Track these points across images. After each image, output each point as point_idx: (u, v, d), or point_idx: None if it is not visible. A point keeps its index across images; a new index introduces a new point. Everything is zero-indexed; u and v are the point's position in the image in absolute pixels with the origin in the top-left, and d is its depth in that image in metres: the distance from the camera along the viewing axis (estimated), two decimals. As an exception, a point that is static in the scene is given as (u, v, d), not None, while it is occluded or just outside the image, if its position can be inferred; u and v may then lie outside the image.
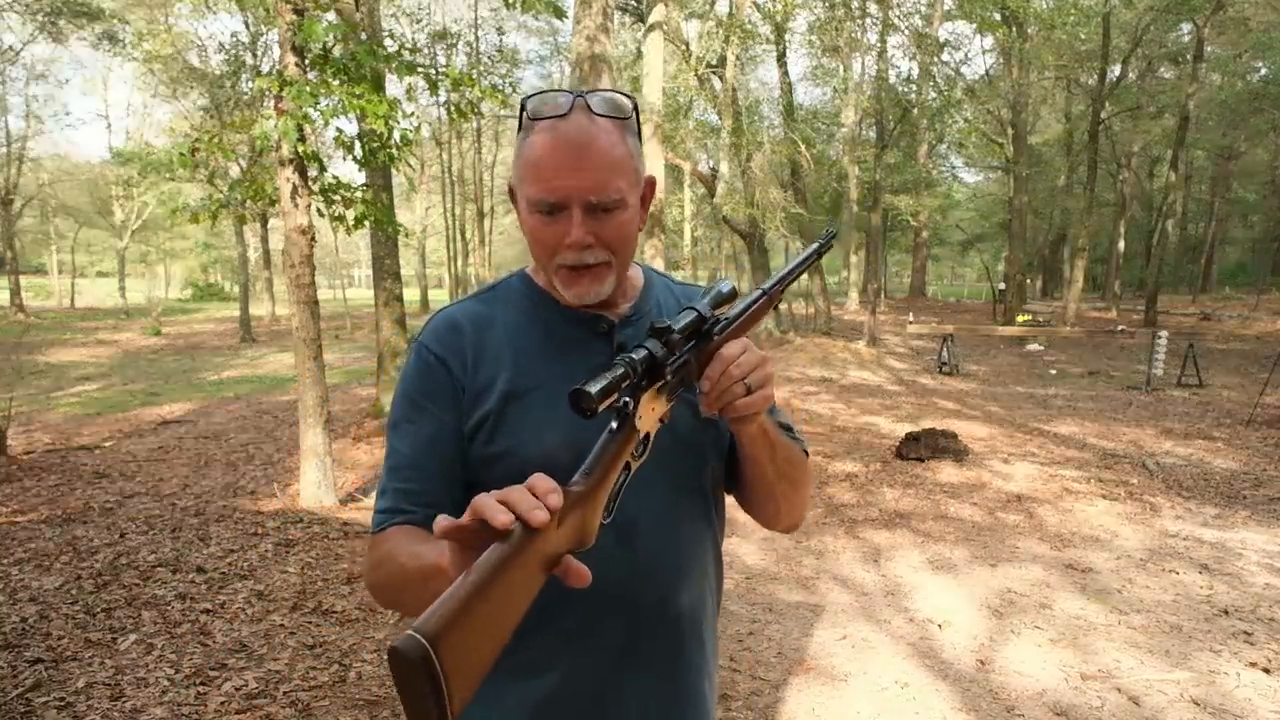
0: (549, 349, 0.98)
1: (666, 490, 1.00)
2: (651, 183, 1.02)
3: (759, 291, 1.01)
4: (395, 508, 0.95)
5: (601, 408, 0.72)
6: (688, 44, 15.59)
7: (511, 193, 0.98)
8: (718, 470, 1.07)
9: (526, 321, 1.02)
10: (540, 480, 0.67)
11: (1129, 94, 22.55)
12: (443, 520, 0.65)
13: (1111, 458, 6.94)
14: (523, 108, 0.95)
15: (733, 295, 0.94)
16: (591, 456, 0.76)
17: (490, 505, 0.64)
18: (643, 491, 0.96)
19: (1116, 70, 21.02)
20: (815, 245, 1.13)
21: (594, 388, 0.72)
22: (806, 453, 1.13)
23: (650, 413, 0.82)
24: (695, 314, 0.89)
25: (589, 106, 0.91)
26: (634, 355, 0.78)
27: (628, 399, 0.79)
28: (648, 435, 0.83)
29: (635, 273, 1.09)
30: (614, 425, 0.78)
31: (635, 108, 0.98)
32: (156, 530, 4.86)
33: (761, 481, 1.04)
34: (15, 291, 24.37)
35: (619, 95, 0.94)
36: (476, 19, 24.19)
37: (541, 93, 0.93)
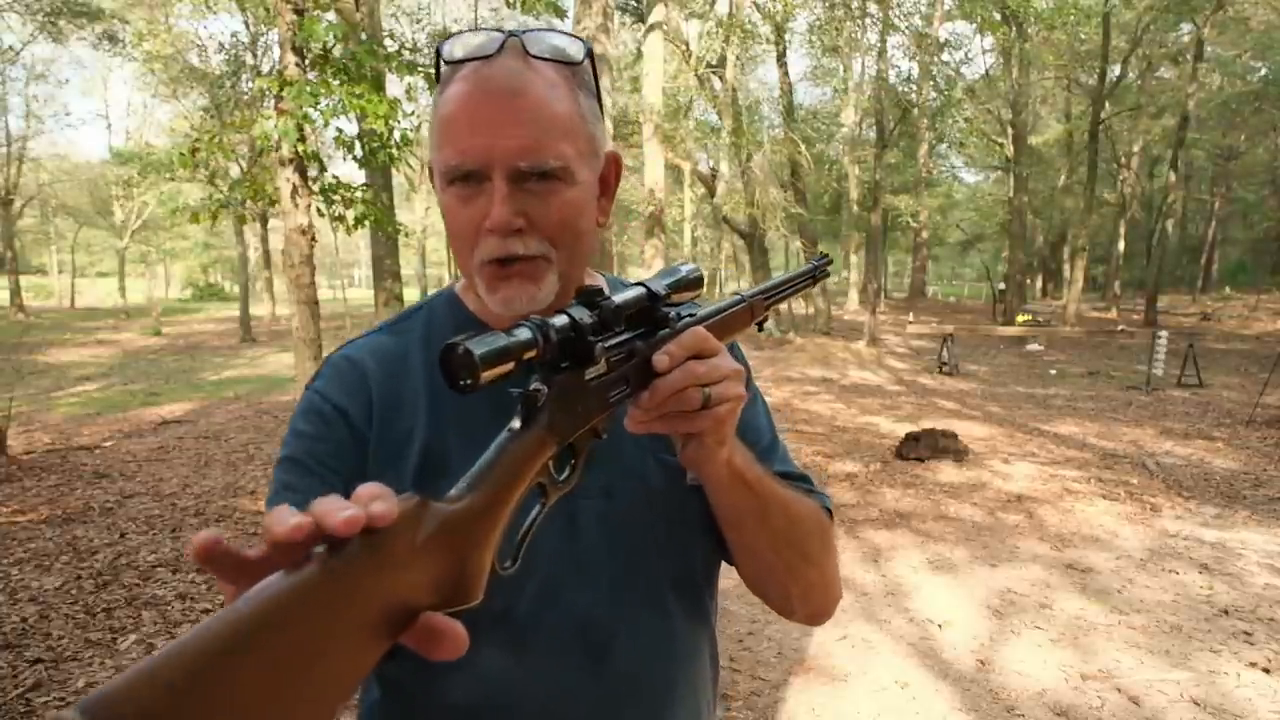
0: (478, 398, 0.67)
1: (645, 589, 0.78)
2: (615, 161, 0.79)
3: (737, 297, 0.76)
4: None
5: (486, 378, 0.49)
6: (688, 44, 15.59)
7: (431, 175, 0.75)
8: (712, 552, 0.84)
9: None
10: (370, 485, 0.41)
11: (1129, 94, 22.58)
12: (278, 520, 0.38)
13: (1111, 458, 6.94)
14: (439, 54, 0.71)
15: (698, 282, 0.70)
16: (481, 462, 0.50)
17: (332, 505, 0.38)
18: (611, 594, 0.76)
19: (1116, 70, 21.03)
20: (809, 268, 0.90)
21: (478, 347, 0.49)
22: (830, 511, 0.83)
23: (574, 414, 0.56)
24: (642, 289, 0.65)
25: (524, 47, 0.69)
26: (551, 320, 0.55)
27: (538, 385, 0.54)
28: (572, 449, 0.58)
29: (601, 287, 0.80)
30: (517, 421, 0.53)
31: (591, 55, 0.74)
32: (156, 530, 4.86)
33: (748, 551, 0.78)
34: (15, 291, 24.38)
35: (567, 35, 0.73)
36: (476, 19, 24.20)
37: (463, 32, 0.72)
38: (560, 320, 0.56)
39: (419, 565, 0.43)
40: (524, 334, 0.52)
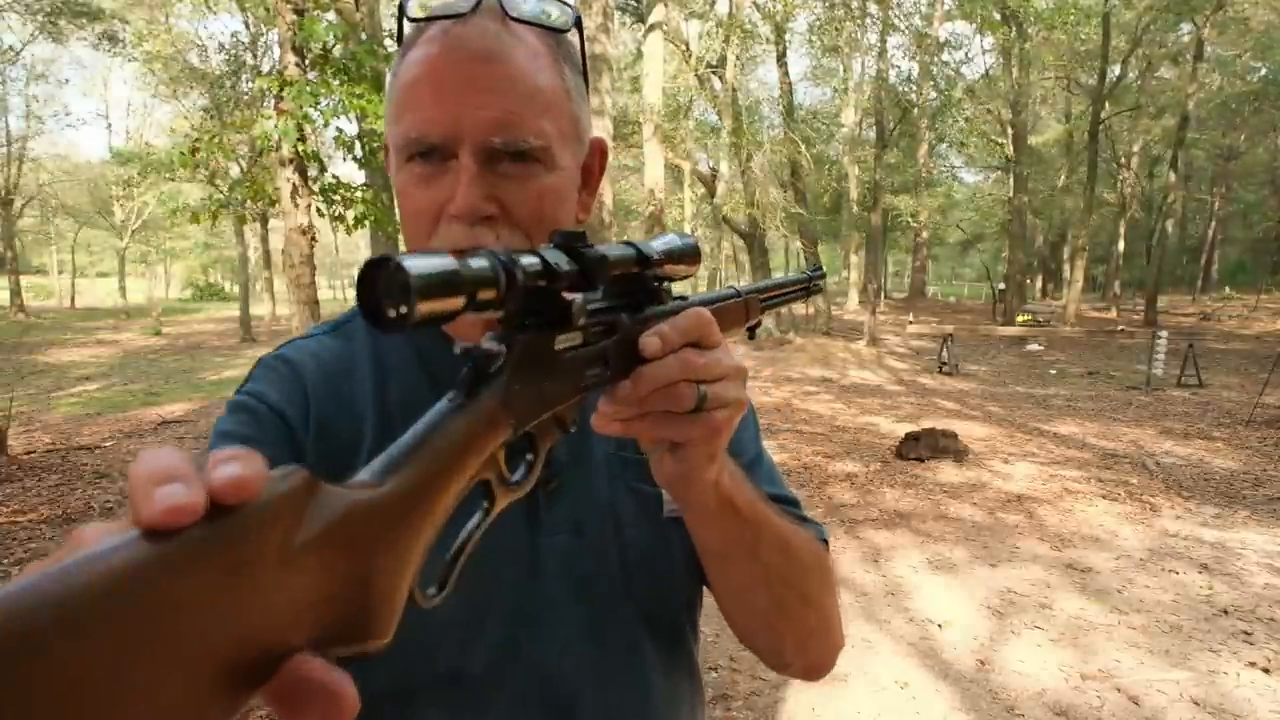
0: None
1: (618, 638, 0.67)
2: (600, 149, 0.70)
3: (732, 289, 0.64)
4: None
5: (423, 311, 0.34)
6: (688, 44, 15.61)
7: (386, 153, 0.65)
8: (696, 589, 0.73)
9: (402, 364, 0.67)
10: (230, 448, 0.26)
11: (1129, 94, 22.61)
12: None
13: (1111, 458, 6.94)
14: (401, 12, 0.62)
15: (694, 254, 0.57)
16: (405, 438, 0.35)
17: (160, 469, 0.24)
18: (580, 645, 0.65)
19: (1116, 70, 21.05)
20: (803, 277, 0.77)
21: (417, 267, 0.34)
22: (826, 542, 0.72)
23: (538, 391, 0.42)
24: (631, 247, 0.50)
25: (502, 7, 0.60)
26: (518, 258, 0.40)
27: (493, 344, 0.40)
28: (530, 441, 0.43)
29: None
30: (455, 393, 0.39)
31: (579, 25, 0.65)
32: (156, 530, 4.86)
33: (735, 591, 0.67)
34: (15, 291, 24.41)
35: (554, 0, 0.63)
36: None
37: None
38: (530, 261, 0.41)
39: (297, 577, 0.26)
40: (481, 263, 0.38)
